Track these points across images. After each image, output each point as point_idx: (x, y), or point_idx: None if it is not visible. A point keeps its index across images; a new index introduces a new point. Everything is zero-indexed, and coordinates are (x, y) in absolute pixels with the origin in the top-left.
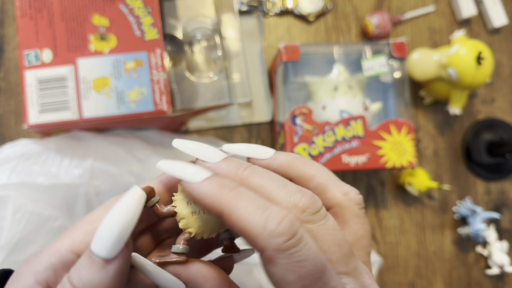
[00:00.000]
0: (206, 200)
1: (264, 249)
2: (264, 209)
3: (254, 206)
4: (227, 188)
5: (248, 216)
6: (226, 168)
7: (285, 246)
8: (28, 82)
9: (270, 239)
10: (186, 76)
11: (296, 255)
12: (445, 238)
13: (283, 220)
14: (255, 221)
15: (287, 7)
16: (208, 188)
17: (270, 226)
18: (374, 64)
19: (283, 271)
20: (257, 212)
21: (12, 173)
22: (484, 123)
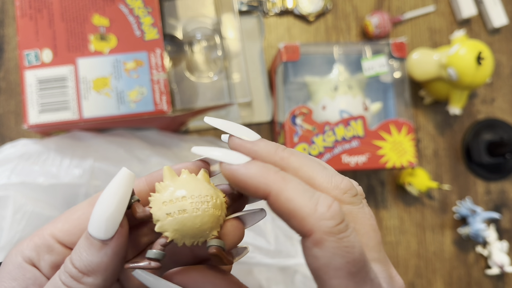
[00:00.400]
0: (252, 181)
1: (313, 231)
2: (312, 193)
3: (302, 189)
4: (272, 169)
5: (298, 197)
6: (265, 147)
7: (335, 229)
8: (28, 82)
9: (321, 221)
10: (186, 76)
11: (346, 240)
12: (445, 238)
13: (332, 204)
14: (305, 202)
15: (287, 7)
16: (254, 169)
17: (321, 208)
18: (374, 64)
19: (331, 255)
20: (307, 194)
21: (12, 173)
22: (484, 123)
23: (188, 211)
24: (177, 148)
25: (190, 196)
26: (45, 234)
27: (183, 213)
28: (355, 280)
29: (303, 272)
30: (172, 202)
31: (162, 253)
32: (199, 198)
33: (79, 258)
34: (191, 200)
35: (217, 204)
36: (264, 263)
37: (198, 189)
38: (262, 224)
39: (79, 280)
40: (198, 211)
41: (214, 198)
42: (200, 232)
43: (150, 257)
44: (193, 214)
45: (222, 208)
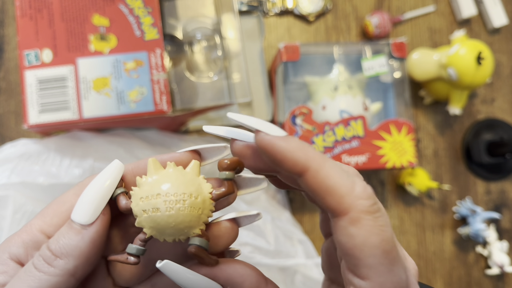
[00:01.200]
0: (292, 154)
1: (351, 209)
2: (347, 173)
3: (339, 169)
4: (311, 146)
5: (337, 175)
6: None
7: (372, 209)
8: (28, 82)
9: (359, 200)
10: (186, 76)
11: (381, 219)
12: (445, 238)
13: (366, 186)
14: (343, 181)
15: (287, 7)
16: (294, 143)
17: (358, 189)
18: (374, 64)
19: (368, 233)
20: (344, 174)
21: (12, 173)
22: (484, 123)
23: (161, 209)
24: (177, 148)
25: (165, 194)
26: (33, 229)
27: (156, 211)
28: (389, 258)
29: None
30: (148, 199)
31: (142, 248)
32: (174, 196)
33: (55, 242)
34: (166, 198)
35: (196, 202)
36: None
37: (176, 186)
38: (262, 225)
39: (51, 262)
40: (172, 211)
41: (193, 196)
42: (178, 231)
43: (129, 252)
44: (166, 213)
45: (204, 206)
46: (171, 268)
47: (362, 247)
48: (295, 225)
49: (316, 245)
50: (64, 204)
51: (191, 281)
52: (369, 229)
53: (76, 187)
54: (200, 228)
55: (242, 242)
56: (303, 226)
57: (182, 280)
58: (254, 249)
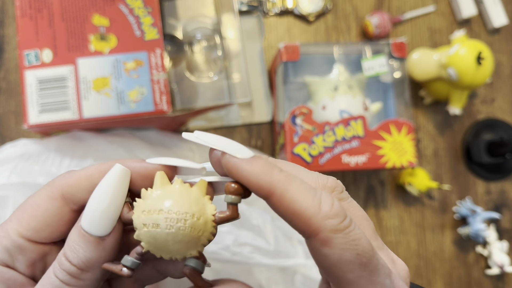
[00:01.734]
0: (256, 179)
1: (320, 231)
2: (314, 192)
3: (305, 188)
4: (276, 168)
5: (302, 197)
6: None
7: (341, 226)
8: (28, 82)
9: (327, 220)
10: (186, 76)
11: (352, 234)
12: (445, 238)
13: (334, 202)
14: (309, 203)
15: (287, 7)
16: (259, 165)
17: (325, 208)
18: (374, 64)
19: (341, 251)
20: (310, 194)
21: (12, 173)
22: (484, 123)
23: (161, 226)
24: (177, 148)
25: (167, 211)
26: (12, 235)
27: (156, 227)
28: (368, 269)
29: (303, 272)
30: (150, 213)
31: (137, 262)
32: (176, 214)
33: (75, 255)
34: (167, 215)
35: (197, 223)
36: (263, 264)
37: (180, 204)
38: (261, 225)
39: (78, 276)
40: (172, 229)
41: (195, 216)
42: (175, 250)
43: (124, 264)
44: (165, 230)
45: (205, 227)
46: None
47: (339, 265)
48: None
49: None
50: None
51: None
52: (342, 246)
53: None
54: (197, 250)
55: (242, 242)
56: None
57: None
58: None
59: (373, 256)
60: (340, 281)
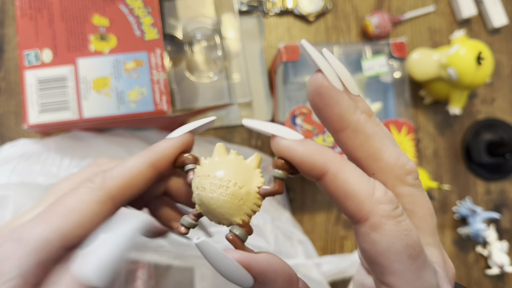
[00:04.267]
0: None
1: (371, 215)
2: (367, 177)
3: (359, 172)
4: (330, 149)
5: (356, 179)
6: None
7: (394, 213)
8: (28, 82)
9: (380, 204)
10: (186, 76)
11: (404, 223)
12: (445, 238)
13: (387, 190)
14: (362, 185)
15: (287, 7)
16: (312, 146)
17: (378, 193)
18: (374, 64)
19: (391, 238)
20: (364, 178)
21: (12, 173)
22: (484, 123)
23: (206, 190)
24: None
25: (213, 177)
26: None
27: (203, 191)
28: (417, 263)
29: (303, 272)
30: (200, 178)
31: (192, 222)
32: (220, 181)
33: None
34: (212, 180)
35: (239, 192)
36: None
37: (226, 172)
38: (261, 225)
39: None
40: (214, 193)
41: (238, 185)
42: (219, 214)
43: (182, 223)
44: (209, 194)
45: (247, 197)
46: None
47: (387, 253)
48: (295, 225)
49: (316, 245)
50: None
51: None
52: (392, 234)
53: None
54: (241, 218)
55: None
56: (303, 226)
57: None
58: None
59: (423, 251)
60: (385, 271)
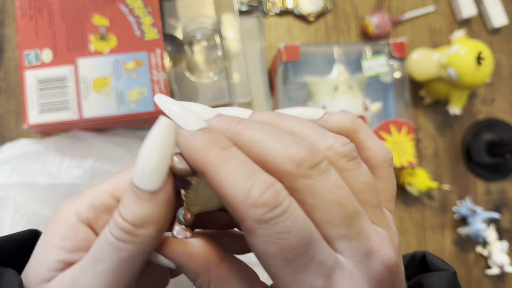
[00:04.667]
0: (192, 153)
1: (244, 220)
2: (250, 176)
3: (240, 171)
4: (218, 146)
5: (231, 182)
6: (217, 123)
7: (266, 217)
8: (28, 82)
9: (251, 209)
10: (186, 76)
11: (277, 226)
12: (445, 238)
13: (268, 189)
14: (238, 188)
15: (287, 7)
16: (197, 141)
17: (253, 195)
18: (374, 64)
19: (263, 243)
20: (242, 179)
21: (12, 173)
22: (484, 123)
23: None
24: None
25: None
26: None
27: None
28: (293, 266)
29: None
30: None
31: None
32: None
33: (129, 212)
34: None
35: None
36: None
37: None
38: None
39: (133, 233)
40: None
41: None
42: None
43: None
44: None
45: None
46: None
47: (262, 257)
48: None
49: None
50: None
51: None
52: (264, 238)
53: None
54: None
55: None
56: None
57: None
58: None
59: (303, 255)
60: (267, 271)
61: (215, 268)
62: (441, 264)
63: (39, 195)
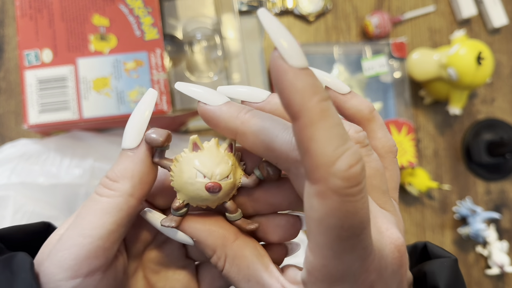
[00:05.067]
0: (292, 94)
1: (320, 183)
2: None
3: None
4: (320, 95)
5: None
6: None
7: (345, 192)
8: (28, 82)
9: (334, 177)
10: (186, 76)
11: (349, 204)
12: (445, 238)
13: (356, 164)
14: (328, 150)
15: (287, 7)
16: (301, 83)
17: (341, 165)
18: (374, 64)
19: (328, 212)
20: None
21: (12, 173)
22: (484, 123)
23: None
24: (177, 148)
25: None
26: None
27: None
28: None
29: None
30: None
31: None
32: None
33: (112, 170)
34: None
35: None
36: None
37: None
38: None
39: (110, 187)
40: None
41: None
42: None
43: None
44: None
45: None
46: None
47: (317, 223)
48: None
49: None
50: None
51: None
52: (332, 209)
53: None
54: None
55: None
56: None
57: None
58: None
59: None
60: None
61: (231, 243)
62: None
63: (39, 195)
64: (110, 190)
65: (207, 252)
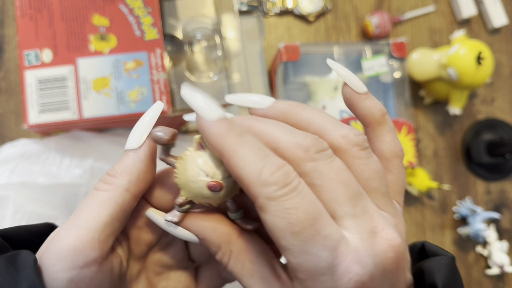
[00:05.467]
0: (211, 139)
1: (257, 197)
2: (262, 158)
3: (253, 154)
4: (234, 132)
5: (245, 163)
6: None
7: (275, 194)
8: (28, 82)
9: (262, 187)
10: (186, 76)
11: (286, 203)
12: (445, 238)
13: (277, 170)
14: (251, 169)
15: (287, 7)
16: (216, 128)
17: (264, 175)
18: (374, 64)
19: (274, 217)
20: (255, 161)
21: (12, 173)
22: (484, 123)
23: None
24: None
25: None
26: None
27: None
28: (301, 238)
29: None
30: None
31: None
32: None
33: (112, 167)
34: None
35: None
36: None
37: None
38: None
39: (107, 181)
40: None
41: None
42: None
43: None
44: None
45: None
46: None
47: (273, 231)
48: None
49: None
50: None
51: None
52: (275, 213)
53: None
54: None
55: None
56: None
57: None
58: None
59: (310, 228)
60: (278, 246)
61: (235, 240)
62: (439, 251)
63: (39, 195)
64: (107, 184)
65: (212, 248)
